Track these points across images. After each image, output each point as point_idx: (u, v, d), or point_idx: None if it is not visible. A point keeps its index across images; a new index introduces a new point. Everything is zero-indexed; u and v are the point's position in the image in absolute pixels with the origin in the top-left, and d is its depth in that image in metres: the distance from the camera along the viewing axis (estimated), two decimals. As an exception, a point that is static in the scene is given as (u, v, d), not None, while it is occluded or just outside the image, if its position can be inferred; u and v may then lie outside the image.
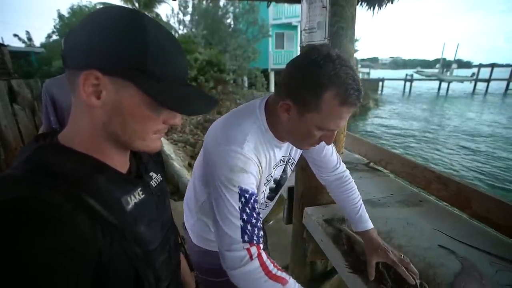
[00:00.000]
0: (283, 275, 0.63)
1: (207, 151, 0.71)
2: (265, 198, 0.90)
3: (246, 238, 0.61)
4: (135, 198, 0.45)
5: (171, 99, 0.41)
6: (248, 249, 0.61)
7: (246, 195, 0.64)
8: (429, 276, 0.84)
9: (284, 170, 0.90)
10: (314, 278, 1.48)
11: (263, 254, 0.63)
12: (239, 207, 0.62)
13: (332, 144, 0.88)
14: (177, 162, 4.52)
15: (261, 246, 0.64)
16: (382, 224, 1.13)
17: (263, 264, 0.61)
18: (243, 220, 0.62)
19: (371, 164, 1.85)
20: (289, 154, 0.88)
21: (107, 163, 0.43)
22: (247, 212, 0.63)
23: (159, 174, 0.57)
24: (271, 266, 0.62)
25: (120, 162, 0.47)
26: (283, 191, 1.52)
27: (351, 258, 0.93)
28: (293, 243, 1.52)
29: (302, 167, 1.26)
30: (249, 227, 0.62)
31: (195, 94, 0.45)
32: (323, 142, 0.71)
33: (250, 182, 0.66)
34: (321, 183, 1.04)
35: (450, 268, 0.87)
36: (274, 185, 0.90)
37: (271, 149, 0.76)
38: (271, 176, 0.84)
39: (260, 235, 0.64)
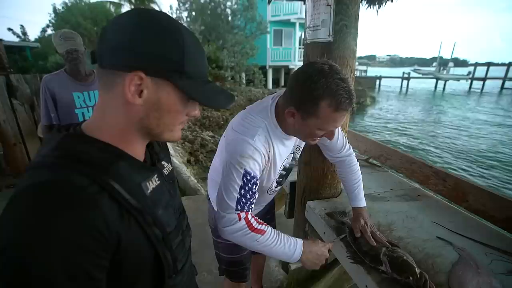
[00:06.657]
0: (263, 227, 0.81)
1: (228, 137, 0.89)
2: (275, 184, 1.05)
3: (239, 207, 0.79)
4: (152, 183, 0.48)
5: (201, 95, 0.46)
6: (238, 214, 0.79)
7: (248, 176, 0.80)
8: (428, 266, 0.88)
9: (294, 158, 1.07)
10: (315, 269, 1.51)
11: (249, 216, 0.80)
12: (240, 184, 0.80)
13: (341, 131, 1.04)
14: (176, 159, 4.53)
15: (250, 212, 0.81)
16: (382, 217, 1.16)
17: (248, 222, 0.79)
18: (240, 194, 0.80)
19: (371, 159, 1.89)
20: (297, 143, 1.04)
21: (128, 152, 0.46)
22: (245, 189, 0.80)
23: (169, 164, 0.61)
24: (255, 223, 0.80)
25: (139, 152, 0.50)
26: (285, 186, 1.55)
27: (353, 249, 0.97)
28: (294, 236, 1.55)
29: (305, 162, 1.29)
30: (243, 200, 0.80)
31: (217, 90, 0.50)
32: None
33: (254, 168, 0.82)
34: (323, 178, 1.15)
35: (448, 258, 0.91)
36: (284, 172, 1.05)
37: (281, 143, 0.91)
38: (283, 165, 0.99)
39: (251, 207, 0.82)
